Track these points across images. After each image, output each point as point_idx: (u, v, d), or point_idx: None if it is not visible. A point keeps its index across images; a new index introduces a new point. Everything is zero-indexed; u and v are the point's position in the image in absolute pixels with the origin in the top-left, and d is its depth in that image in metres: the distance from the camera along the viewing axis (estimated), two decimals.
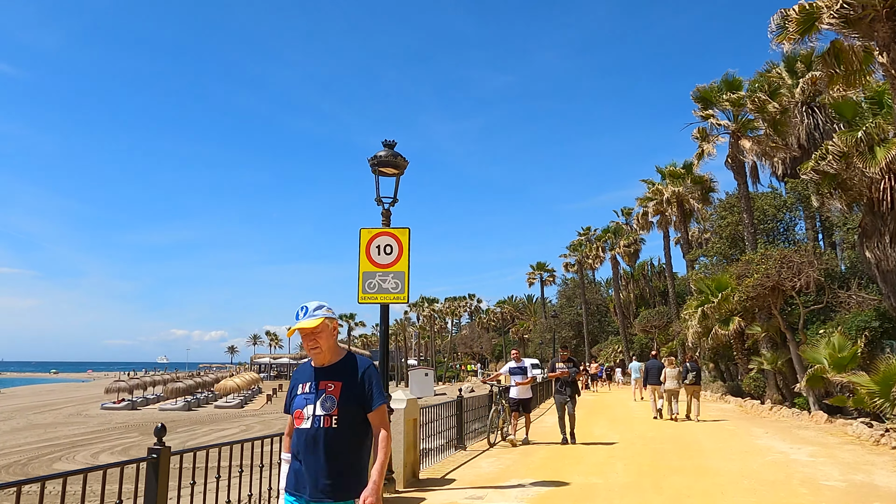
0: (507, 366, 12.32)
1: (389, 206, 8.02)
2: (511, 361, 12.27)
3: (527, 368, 12.08)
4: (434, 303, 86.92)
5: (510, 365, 12.14)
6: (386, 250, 7.87)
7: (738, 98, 23.01)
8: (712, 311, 23.58)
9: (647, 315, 43.35)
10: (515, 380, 11.88)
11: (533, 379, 12.45)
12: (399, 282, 7.77)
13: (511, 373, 12.02)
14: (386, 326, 7.80)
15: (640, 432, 14.19)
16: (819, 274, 17.39)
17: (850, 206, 15.88)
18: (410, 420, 8.13)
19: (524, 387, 11.97)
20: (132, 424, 40.52)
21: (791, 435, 13.00)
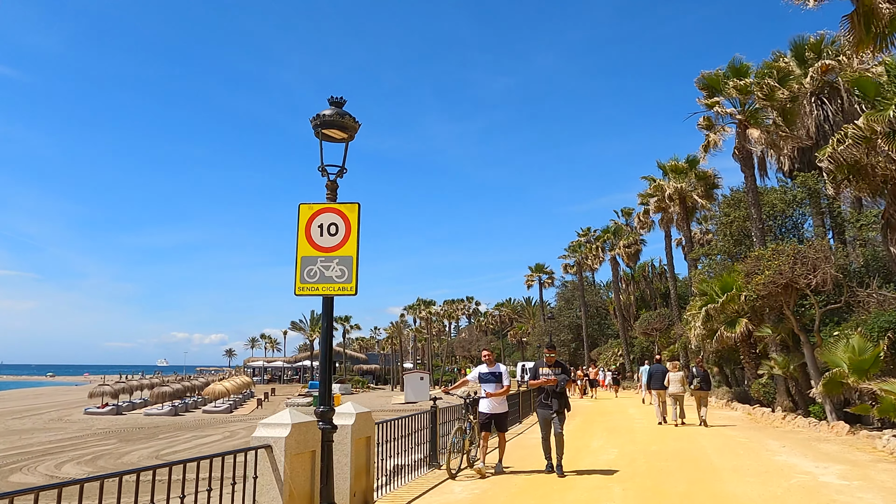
0: (475, 370, 9.69)
1: (336, 177, 6.55)
2: (481, 365, 9.71)
3: (501, 375, 9.41)
4: (431, 305, 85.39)
5: (480, 370, 9.57)
6: (330, 230, 6.40)
7: (746, 85, 21.55)
8: (717, 312, 22.12)
9: (648, 317, 41.86)
10: (486, 389, 9.39)
11: (508, 389, 9.53)
12: (346, 269, 6.30)
13: (481, 380, 9.47)
14: (329, 323, 6.31)
15: (642, 445, 12.70)
16: (836, 270, 15.90)
17: (875, 195, 14.39)
18: (361, 440, 6.65)
19: (498, 399, 9.42)
20: (113, 430, 39.02)
21: (812, 449, 11.50)
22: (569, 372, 9.60)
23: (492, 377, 9.43)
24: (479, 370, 9.63)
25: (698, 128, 23.74)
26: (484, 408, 9.42)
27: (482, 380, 9.52)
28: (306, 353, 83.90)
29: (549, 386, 9.14)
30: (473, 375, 9.75)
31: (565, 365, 9.49)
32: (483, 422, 9.43)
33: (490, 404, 9.38)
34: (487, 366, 9.58)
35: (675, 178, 32.20)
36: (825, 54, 26.84)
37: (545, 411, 9.25)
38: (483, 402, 9.43)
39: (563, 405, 9.26)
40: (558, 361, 9.46)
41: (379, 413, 46.52)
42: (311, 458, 5.62)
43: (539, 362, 9.61)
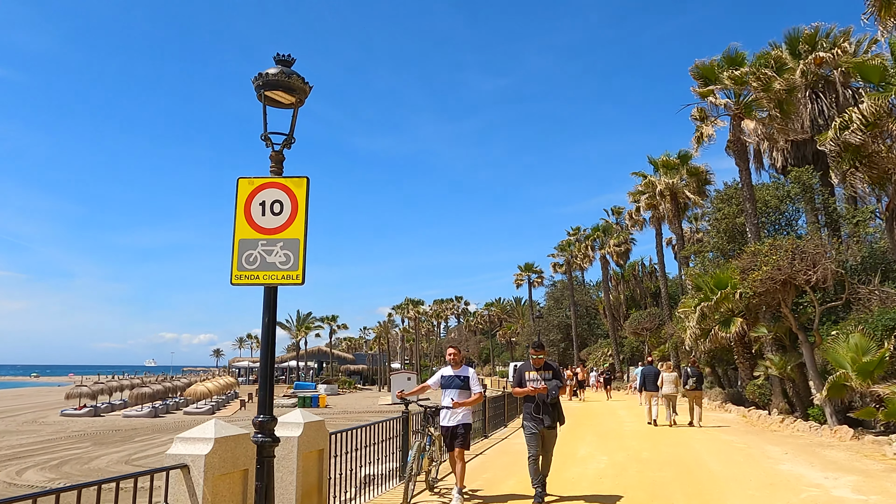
0: (438, 373, 7.84)
1: (282, 148, 5.61)
2: (445, 367, 7.87)
3: (469, 379, 7.57)
4: (419, 305, 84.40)
5: (443, 372, 7.73)
6: (273, 209, 5.46)
7: (742, 75, 20.73)
8: (710, 310, 21.34)
9: (638, 317, 41.13)
10: (450, 397, 7.50)
11: (479, 398, 7.75)
12: (291, 254, 5.36)
13: (444, 384, 7.60)
14: (271, 318, 5.35)
15: (633, 451, 11.83)
16: (837, 266, 15.11)
17: (881, 185, 13.59)
18: (312, 453, 5.72)
19: (465, 408, 7.55)
20: (89, 433, 37.78)
21: (817, 457, 10.67)
22: (561, 376, 7.53)
23: (457, 381, 7.55)
24: (442, 372, 7.73)
25: (691, 119, 22.94)
26: (444, 419, 7.52)
27: (445, 384, 7.60)
28: (293, 353, 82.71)
29: (539, 395, 7.25)
30: (435, 379, 7.78)
31: (556, 367, 7.53)
32: (445, 436, 7.59)
33: (452, 415, 7.48)
34: (452, 367, 7.68)
35: (666, 173, 31.44)
36: (819, 46, 26.20)
37: (535, 426, 7.26)
38: (444, 414, 7.54)
39: (555, 418, 7.33)
40: (548, 363, 7.48)
41: (365, 415, 45.32)
42: (241, 478, 4.66)
43: (524, 364, 7.60)
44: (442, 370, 7.86)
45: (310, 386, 68.85)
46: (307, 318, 75.22)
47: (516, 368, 7.72)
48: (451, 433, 7.47)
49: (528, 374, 7.40)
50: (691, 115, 22.87)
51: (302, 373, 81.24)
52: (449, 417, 7.51)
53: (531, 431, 7.30)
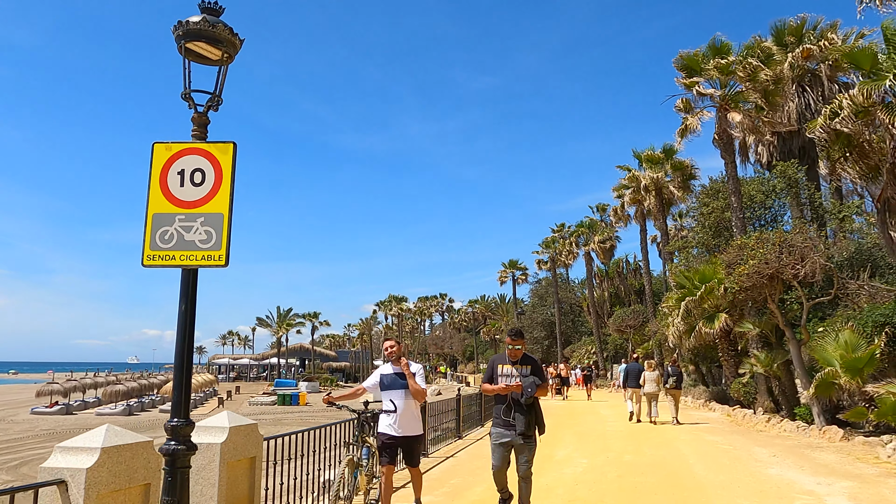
0: (376, 373, 6.47)
1: (206, 110, 4.84)
2: (384, 364, 6.51)
3: (416, 377, 6.23)
4: (403, 301, 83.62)
5: (382, 371, 6.40)
6: (194, 178, 4.70)
7: (728, 64, 20.18)
8: (695, 306, 20.82)
9: (622, 314, 40.69)
10: (392, 400, 6.15)
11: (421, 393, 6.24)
12: (214, 231, 4.60)
13: (383, 386, 6.27)
14: (189, 306, 4.58)
15: (615, 453, 11.17)
16: (826, 260, 14.57)
17: (872, 176, 13.02)
18: (241, 462, 4.96)
19: (410, 414, 6.19)
20: (58, 432, 36.59)
21: (807, 460, 10.07)
22: (543, 372, 6.02)
23: (399, 381, 6.18)
24: (381, 371, 6.38)
25: (676, 110, 22.36)
26: (385, 427, 6.13)
27: (385, 385, 6.23)
28: (275, 350, 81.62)
29: (511, 394, 5.78)
30: (373, 380, 6.40)
31: (536, 361, 6.02)
32: (383, 449, 6.14)
33: (395, 422, 6.10)
34: (392, 365, 6.28)
35: (650, 168, 30.92)
36: (807, 39, 25.76)
37: (505, 433, 5.76)
38: (384, 420, 6.16)
39: (532, 424, 5.76)
40: (528, 356, 5.97)
41: (345, 412, 44.97)
42: (141, 494, 3.90)
43: (498, 357, 6.12)
44: (381, 368, 6.45)
45: (290, 383, 67.88)
46: (288, 314, 74.16)
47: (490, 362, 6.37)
48: (393, 445, 6.13)
49: (501, 368, 5.92)
50: (676, 107, 22.30)
51: (284, 370, 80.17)
52: (392, 426, 6.10)
53: (498, 440, 5.79)
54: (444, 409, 14.03)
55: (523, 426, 5.70)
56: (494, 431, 5.94)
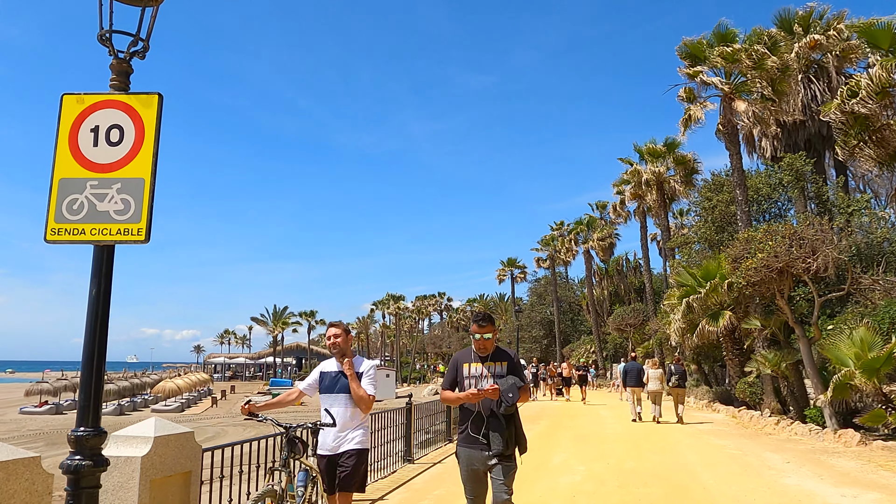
0: (316, 370, 5.01)
1: (129, 56, 4.03)
2: (326, 361, 5.03)
3: (363, 377, 4.79)
4: (400, 300, 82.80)
5: (323, 368, 4.96)
6: (110, 137, 3.89)
7: (733, 52, 19.36)
8: (699, 303, 20.03)
9: (622, 312, 39.88)
10: (328, 409, 4.72)
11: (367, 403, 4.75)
12: (132, 200, 3.79)
13: (323, 388, 4.87)
14: (103, 287, 3.76)
15: (615, 459, 10.37)
16: (839, 253, 13.76)
17: (890, 163, 12.21)
18: (173, 478, 4.16)
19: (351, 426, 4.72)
20: (46, 432, 35.81)
21: (825, 467, 9.27)
22: (520, 370, 4.49)
23: (344, 382, 4.72)
24: (322, 368, 4.93)
25: (678, 100, 21.56)
26: (324, 445, 4.69)
27: (325, 388, 4.80)
28: (272, 349, 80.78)
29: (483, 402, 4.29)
30: (310, 380, 4.94)
31: (513, 356, 4.52)
32: (326, 472, 4.68)
33: (330, 437, 4.66)
34: (337, 361, 4.83)
35: (652, 161, 30.10)
36: (813, 28, 25.00)
37: (475, 455, 4.26)
38: (323, 436, 4.70)
39: (512, 441, 4.30)
40: (502, 350, 4.49)
41: None
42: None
43: (462, 354, 4.58)
44: (321, 365, 4.95)
45: (286, 383, 67.07)
46: (284, 312, 73.36)
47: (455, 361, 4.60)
48: (332, 466, 4.64)
49: (468, 368, 4.41)
50: (678, 96, 21.50)
51: (280, 369, 79.34)
52: (328, 441, 4.67)
53: (469, 466, 4.28)
54: (435, 411, 13.24)
55: (500, 444, 4.18)
56: (463, 454, 4.32)
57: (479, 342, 4.44)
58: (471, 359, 4.49)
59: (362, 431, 4.80)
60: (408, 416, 10.04)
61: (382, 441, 9.14)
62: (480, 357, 4.46)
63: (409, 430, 9.98)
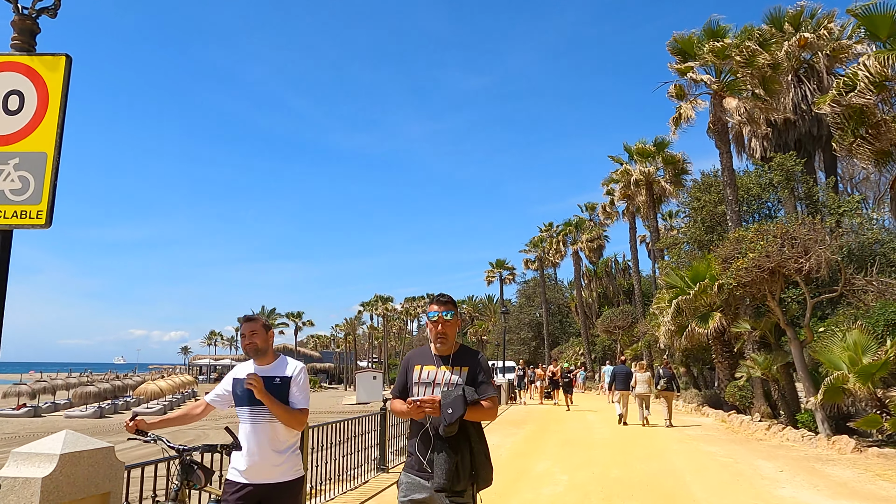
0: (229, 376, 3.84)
1: (36, 13, 3.48)
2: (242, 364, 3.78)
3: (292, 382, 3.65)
4: (389, 301, 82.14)
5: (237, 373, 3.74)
6: (9, 104, 3.35)
7: (724, 48, 18.97)
8: (687, 305, 19.62)
9: (611, 314, 39.52)
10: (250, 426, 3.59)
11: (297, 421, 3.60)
12: (32, 179, 3.25)
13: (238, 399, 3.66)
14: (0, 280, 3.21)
15: (600, 467, 9.88)
16: (832, 253, 13.36)
17: (885, 160, 11.80)
18: (87, 501, 3.59)
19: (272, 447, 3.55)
20: (21, 435, 34.83)
21: (820, 476, 8.82)
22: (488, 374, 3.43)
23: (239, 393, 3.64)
24: (235, 373, 3.75)
25: (668, 97, 21.15)
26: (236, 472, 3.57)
27: (240, 400, 3.64)
28: None
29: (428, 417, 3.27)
30: (222, 388, 3.83)
31: (480, 359, 3.46)
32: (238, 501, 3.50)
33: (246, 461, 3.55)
34: (256, 362, 3.72)
35: (641, 161, 29.72)
36: (803, 28, 24.73)
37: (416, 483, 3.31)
38: (238, 460, 3.58)
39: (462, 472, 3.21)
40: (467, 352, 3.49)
41: (325, 416, 43.20)
42: None
43: (416, 353, 3.58)
44: (235, 369, 3.77)
45: None
46: (271, 313, 72.49)
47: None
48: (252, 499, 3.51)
49: (420, 372, 3.44)
50: (668, 93, 21.09)
51: None
52: (250, 466, 3.53)
53: (407, 496, 3.30)
54: None
55: (443, 477, 3.14)
56: (403, 480, 3.36)
57: (438, 328, 3.39)
58: (425, 360, 3.47)
59: (292, 455, 3.62)
60: (382, 421, 9.49)
61: (355, 449, 8.60)
62: (439, 358, 3.42)
63: (383, 436, 9.43)
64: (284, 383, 3.68)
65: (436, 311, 3.45)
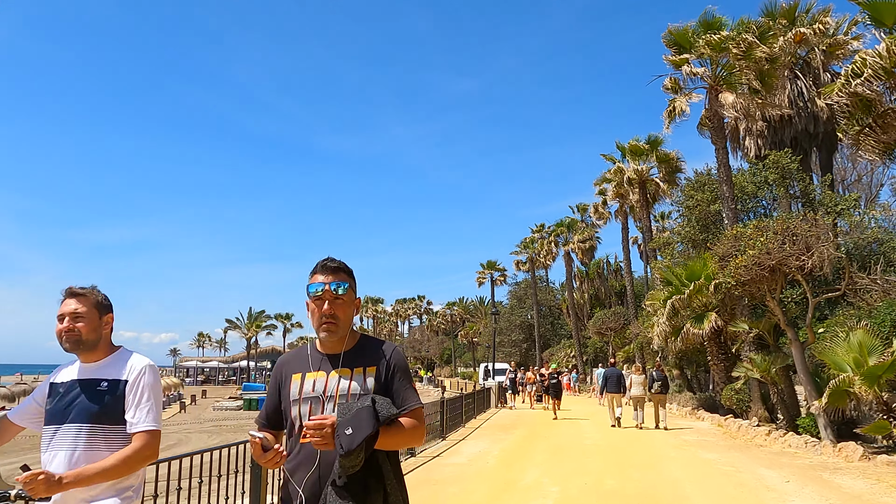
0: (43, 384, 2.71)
1: None
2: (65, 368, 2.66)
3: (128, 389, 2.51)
4: (379, 303, 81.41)
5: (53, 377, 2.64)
6: None
7: (720, 40, 18.41)
8: (682, 305, 19.05)
9: (603, 316, 38.96)
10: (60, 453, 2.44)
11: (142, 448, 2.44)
12: None
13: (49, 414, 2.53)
14: None
15: (593, 477, 9.20)
16: (836, 250, 12.77)
17: (891, 151, 11.22)
18: None
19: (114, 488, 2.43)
20: None
21: (831, 488, 8.17)
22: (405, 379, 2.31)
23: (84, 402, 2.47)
24: (53, 377, 2.63)
25: (663, 90, 20.57)
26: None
27: (51, 416, 2.50)
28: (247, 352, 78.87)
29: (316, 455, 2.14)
30: (28, 404, 2.67)
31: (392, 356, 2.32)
32: None
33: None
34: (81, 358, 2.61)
35: (635, 160, 29.16)
36: (798, 23, 24.28)
37: None
38: None
39: None
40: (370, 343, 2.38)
41: None
42: None
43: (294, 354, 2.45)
44: (54, 372, 2.70)
45: (260, 387, 65.24)
46: (259, 315, 71.56)
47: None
48: None
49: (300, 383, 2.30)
50: (663, 86, 20.50)
51: (255, 373, 77.48)
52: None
53: None
54: None
55: None
56: None
57: (323, 307, 2.26)
58: (306, 364, 2.31)
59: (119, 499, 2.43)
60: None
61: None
62: (328, 359, 2.29)
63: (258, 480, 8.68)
64: (113, 390, 2.48)
65: (321, 283, 2.28)
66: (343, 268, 2.39)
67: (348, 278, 2.38)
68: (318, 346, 2.38)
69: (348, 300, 2.34)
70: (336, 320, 2.29)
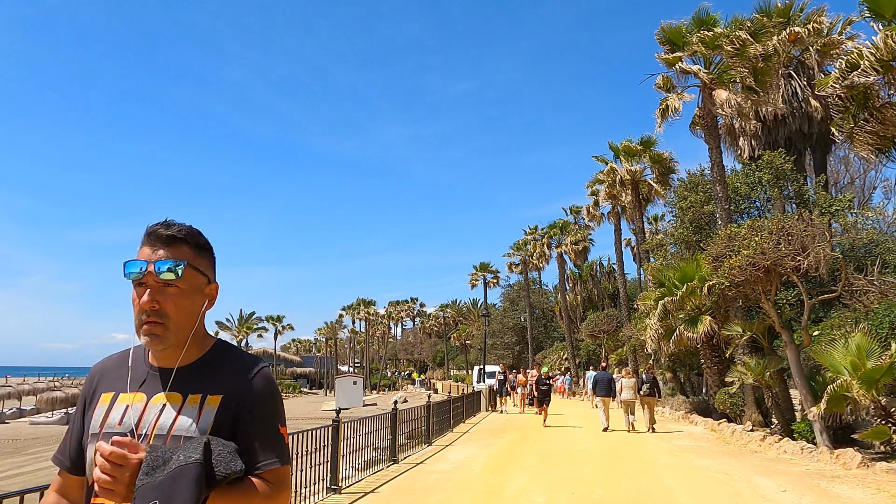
0: None
1: None
2: None
3: None
4: (371, 305, 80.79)
5: None
6: None
7: (714, 37, 18.10)
8: (674, 307, 18.68)
9: (595, 318, 38.62)
10: None
11: None
12: None
13: None
14: None
15: (583, 485, 8.80)
16: (833, 250, 12.44)
17: (885, 149, 10.89)
18: None
19: None
20: None
21: (830, 497, 7.80)
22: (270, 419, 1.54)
23: None
24: None
25: (656, 88, 20.23)
26: None
27: None
28: None
29: None
30: None
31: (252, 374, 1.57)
32: None
33: None
34: None
35: (628, 160, 28.84)
36: (793, 22, 24.04)
37: None
38: None
39: None
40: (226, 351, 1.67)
41: (301, 422, 41.77)
42: None
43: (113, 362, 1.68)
44: None
45: None
46: (250, 317, 70.80)
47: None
48: None
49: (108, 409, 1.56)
50: (656, 84, 20.17)
51: None
52: None
53: None
54: (379, 427, 11.54)
55: None
56: None
57: (143, 298, 1.51)
58: (124, 380, 1.60)
59: None
60: (335, 434, 8.36)
61: (304, 466, 7.45)
62: (155, 376, 1.59)
63: (335, 452, 8.30)
64: None
65: (143, 261, 1.52)
66: (184, 237, 1.57)
67: (191, 253, 1.57)
68: (149, 354, 1.61)
69: (188, 288, 1.54)
70: (164, 319, 1.50)
